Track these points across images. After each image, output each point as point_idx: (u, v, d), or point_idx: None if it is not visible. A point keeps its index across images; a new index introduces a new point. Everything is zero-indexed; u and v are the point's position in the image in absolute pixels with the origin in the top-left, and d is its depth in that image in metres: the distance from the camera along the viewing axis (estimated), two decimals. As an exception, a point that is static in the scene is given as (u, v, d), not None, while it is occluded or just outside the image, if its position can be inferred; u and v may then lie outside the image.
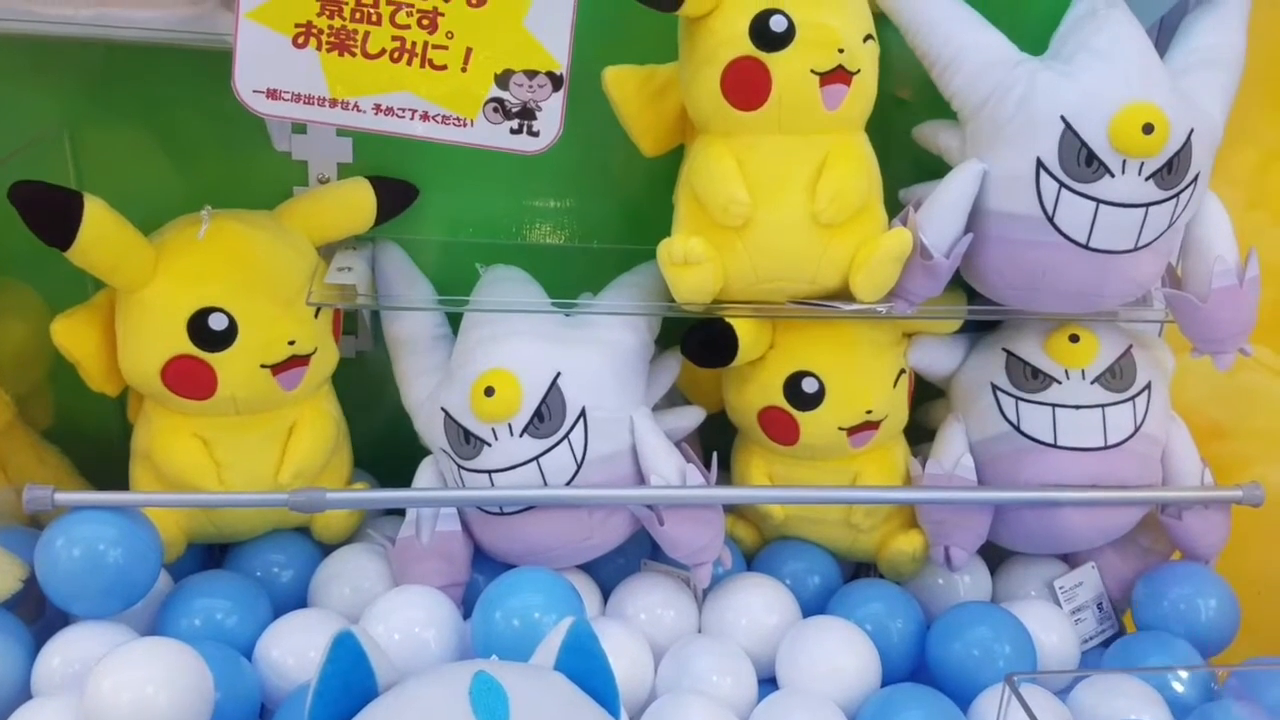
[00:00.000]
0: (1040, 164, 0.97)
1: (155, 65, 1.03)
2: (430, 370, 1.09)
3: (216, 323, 0.96)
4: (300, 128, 1.07)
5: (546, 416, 1.01)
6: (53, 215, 0.88)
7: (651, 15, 0.93)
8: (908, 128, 1.09)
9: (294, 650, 0.94)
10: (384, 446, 1.15)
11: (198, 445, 1.00)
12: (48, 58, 1.02)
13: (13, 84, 1.02)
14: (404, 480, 1.09)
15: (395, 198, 1.09)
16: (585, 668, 0.79)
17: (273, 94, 0.85)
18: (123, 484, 1.06)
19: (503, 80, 0.89)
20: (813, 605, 1.10)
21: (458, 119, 0.89)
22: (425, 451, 1.10)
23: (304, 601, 1.05)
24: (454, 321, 1.11)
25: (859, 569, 1.22)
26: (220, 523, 1.04)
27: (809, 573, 1.14)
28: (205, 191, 1.03)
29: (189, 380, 0.97)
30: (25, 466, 1.06)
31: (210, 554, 1.10)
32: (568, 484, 1.02)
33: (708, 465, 1.06)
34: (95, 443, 1.12)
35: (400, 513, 1.12)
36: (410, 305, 1.08)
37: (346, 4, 0.84)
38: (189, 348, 0.96)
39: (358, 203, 1.07)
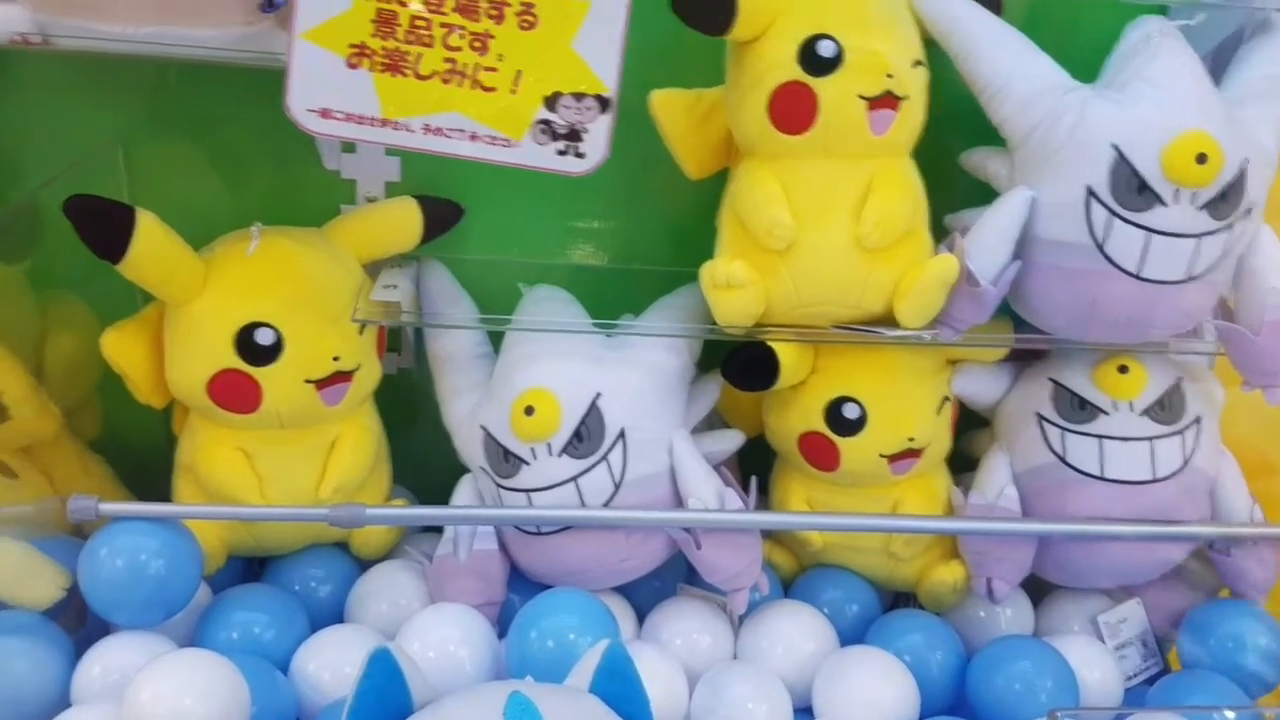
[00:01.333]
0: (1091, 192, 0.96)
1: (208, 83, 1.05)
2: (471, 388, 1.09)
3: (263, 337, 0.97)
4: (349, 147, 1.09)
5: (586, 436, 1.01)
6: (106, 228, 0.90)
7: (698, 39, 0.93)
8: (953, 153, 1.08)
9: (330, 665, 0.95)
10: (422, 463, 1.16)
11: (240, 458, 1.01)
12: (103, 74, 1.04)
13: (69, 100, 1.05)
14: (442, 497, 1.10)
15: (442, 217, 1.10)
16: (620, 691, 0.79)
17: (325, 113, 0.86)
18: (165, 496, 1.07)
19: (551, 102, 0.89)
20: (850, 634, 1.09)
21: (505, 140, 0.90)
22: (463, 469, 1.11)
23: (341, 616, 1.06)
24: (495, 340, 1.11)
25: (897, 598, 1.21)
26: (260, 536, 1.05)
27: (847, 601, 1.12)
28: (255, 208, 1.05)
29: (234, 394, 0.98)
30: (71, 476, 1.08)
31: (249, 566, 1.10)
32: (605, 505, 1.01)
33: (746, 489, 1.05)
34: (139, 454, 1.13)
35: (438, 530, 1.12)
36: (453, 323, 1.09)
37: (400, 25, 0.85)
38: (235, 362, 0.97)
39: (405, 221, 1.08)
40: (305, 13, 0.83)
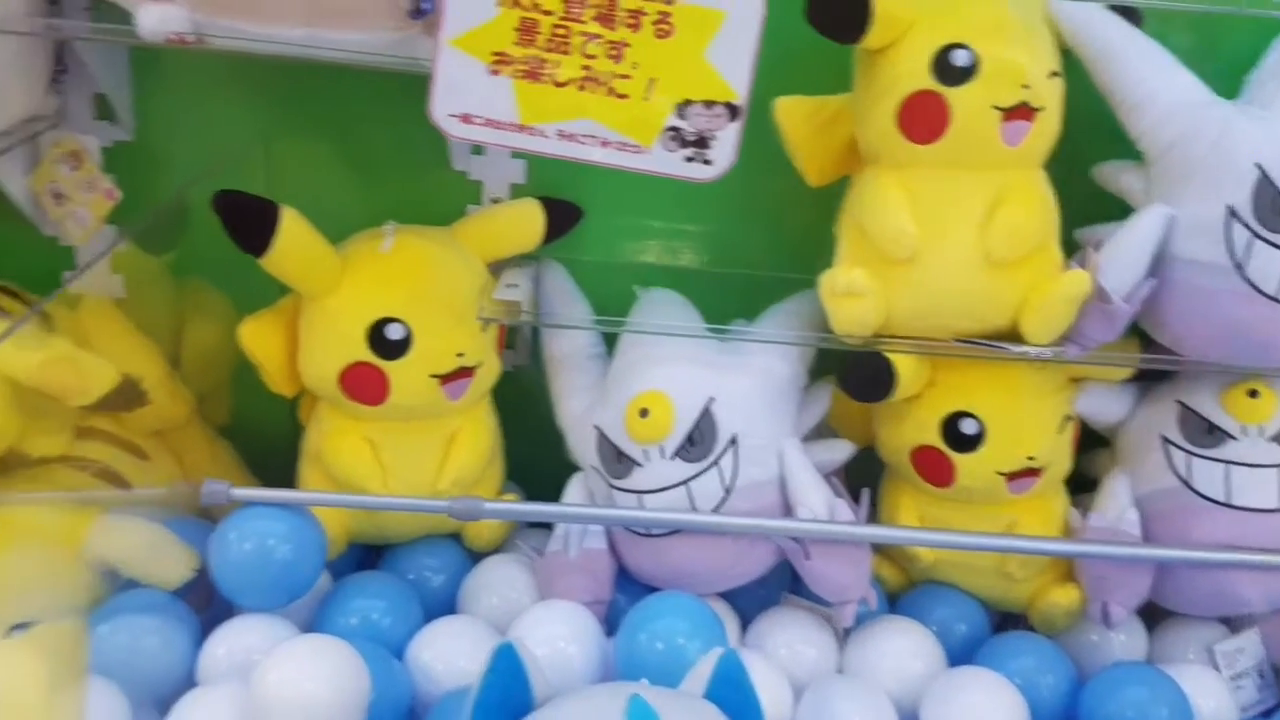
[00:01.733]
0: (1232, 212, 0.93)
1: (345, 84, 1.08)
2: (584, 388, 1.11)
3: (394, 332, 1.00)
4: (478, 149, 1.11)
5: (698, 441, 1.01)
6: (251, 223, 0.94)
7: (822, 46, 0.93)
8: (1084, 166, 1.05)
9: (444, 656, 0.97)
10: (531, 460, 1.18)
11: (366, 448, 1.04)
12: (246, 73, 1.08)
13: (217, 98, 1.09)
14: (547, 494, 1.11)
15: (563, 219, 1.12)
16: (733, 699, 0.79)
17: (466, 118, 0.88)
18: (287, 482, 1.11)
19: (681, 109, 0.90)
20: (957, 654, 1.07)
21: (635, 146, 0.91)
22: (569, 467, 1.12)
23: (452, 606, 1.08)
24: (609, 342, 1.13)
25: (1005, 619, 1.19)
26: (381, 524, 1.08)
27: (956, 620, 1.11)
28: (386, 207, 1.08)
29: (364, 385, 1.01)
30: (199, 461, 1.12)
31: (365, 553, 1.13)
32: (715, 510, 1.02)
33: (856, 501, 1.04)
34: (264, 441, 1.18)
35: (545, 526, 1.14)
36: (572, 324, 1.10)
37: (541, 33, 0.87)
38: (367, 355, 1.00)
39: (528, 223, 1.10)
40: (452, 20, 0.85)
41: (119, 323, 1.09)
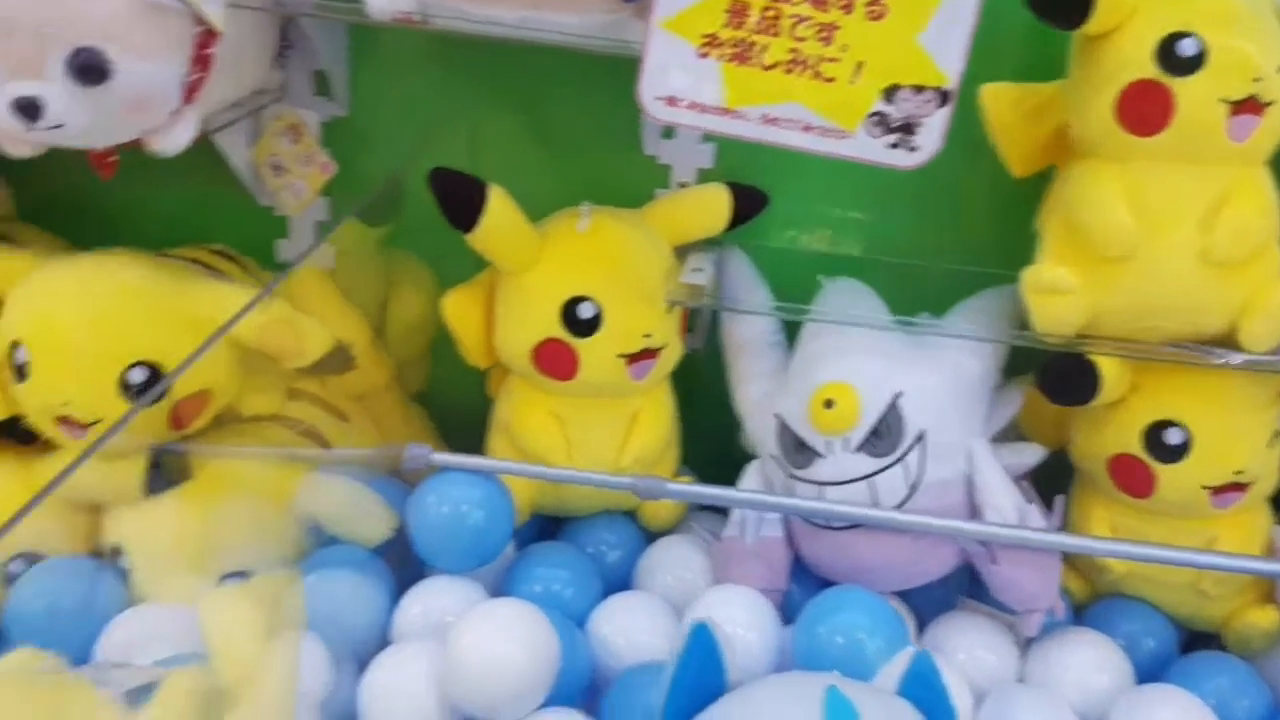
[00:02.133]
0: None
1: (545, 66, 1.10)
2: (763, 375, 1.11)
3: (586, 311, 1.02)
4: (668, 133, 1.12)
5: (884, 435, 1.00)
6: (461, 200, 0.97)
7: (1031, 31, 0.90)
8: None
9: (625, 630, 0.98)
10: (703, 443, 1.18)
11: (554, 422, 1.07)
12: (455, 54, 1.12)
13: (426, 77, 1.13)
14: (718, 478, 1.11)
15: (749, 205, 1.12)
16: (926, 700, 0.78)
17: (671, 101, 0.89)
18: (472, 452, 1.14)
19: (889, 94, 0.88)
20: (1144, 671, 1.02)
21: (839, 131, 0.90)
22: (741, 452, 1.12)
23: (626, 582, 1.10)
24: (790, 331, 1.12)
25: (1194, 637, 1.13)
26: (564, 497, 1.11)
27: (1144, 635, 1.06)
28: (577, 187, 1.10)
29: (555, 361, 1.03)
30: (394, 426, 1.18)
31: (544, 525, 1.16)
32: (897, 507, 1.00)
33: (1047, 507, 1.01)
34: (454, 411, 1.22)
35: (717, 511, 1.14)
36: (758, 310, 1.10)
37: (751, 16, 0.86)
38: (559, 331, 1.02)
39: (716, 207, 1.10)
40: (665, 2, 0.85)
41: (329, 291, 1.15)
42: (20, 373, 0.96)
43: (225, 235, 1.17)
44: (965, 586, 1.09)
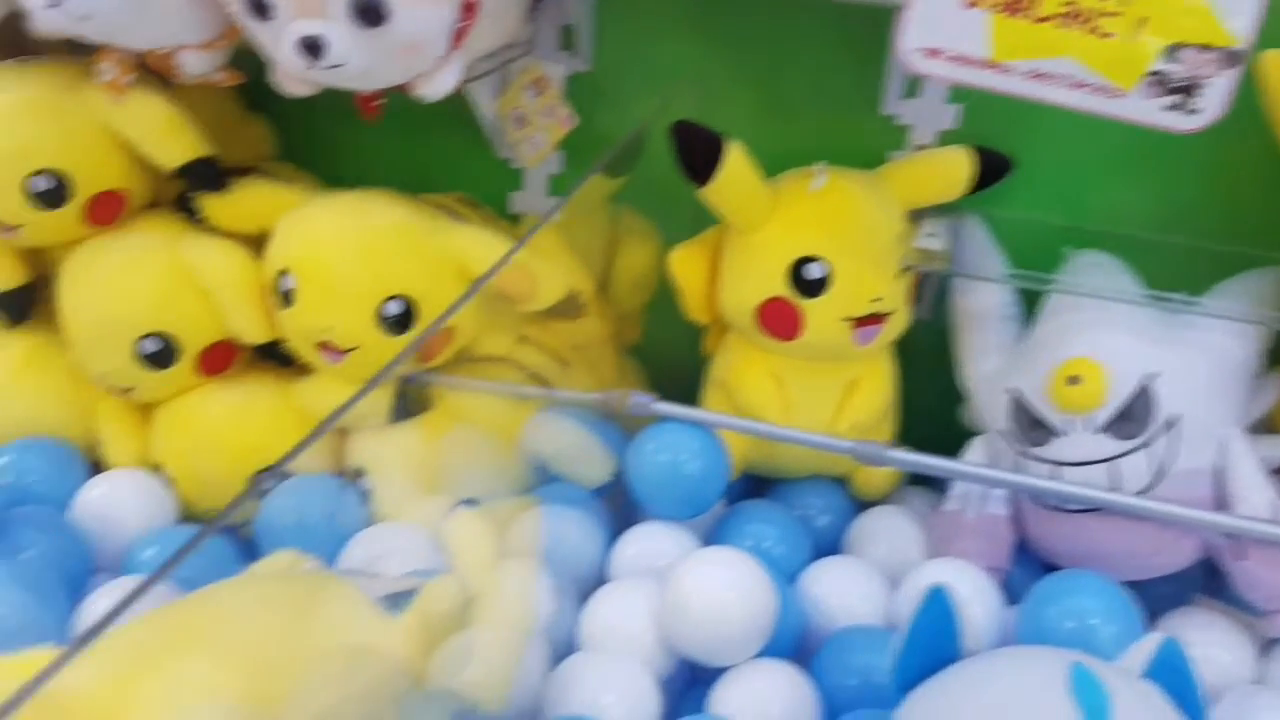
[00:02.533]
0: None
1: (788, 24, 1.09)
2: (994, 349, 1.07)
3: (814, 271, 1.00)
4: (910, 91, 1.09)
5: (1132, 416, 0.94)
6: (701, 154, 0.97)
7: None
8: None
9: (836, 592, 0.98)
10: (920, 417, 1.15)
11: (771, 382, 1.06)
12: (692, 10, 1.12)
13: (664, 33, 1.14)
14: (933, 450, 1.08)
15: (992, 170, 1.07)
16: (1174, 687, 0.73)
17: (933, 53, 0.86)
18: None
19: (1171, 53, 0.83)
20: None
21: (1112, 89, 0.84)
22: (960, 428, 1.08)
23: (834, 548, 1.08)
24: (1029, 303, 1.07)
25: None
26: (776, 457, 1.10)
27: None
28: (811, 146, 1.09)
29: (779, 321, 1.03)
30: (610, 376, 1.20)
31: (753, 484, 1.16)
32: (1140, 494, 0.94)
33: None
34: (664, 365, 1.23)
35: (929, 484, 1.11)
36: (1000, 279, 1.06)
37: (1024, -36, 0.83)
38: (786, 291, 1.01)
39: (956, 171, 1.06)
40: (934, -49, 0.83)
41: (556, 242, 1.18)
42: (286, 299, 1.03)
43: (461, 185, 1.21)
44: (1199, 582, 1.02)
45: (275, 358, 1.09)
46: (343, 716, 0.72)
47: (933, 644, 0.75)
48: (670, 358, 1.22)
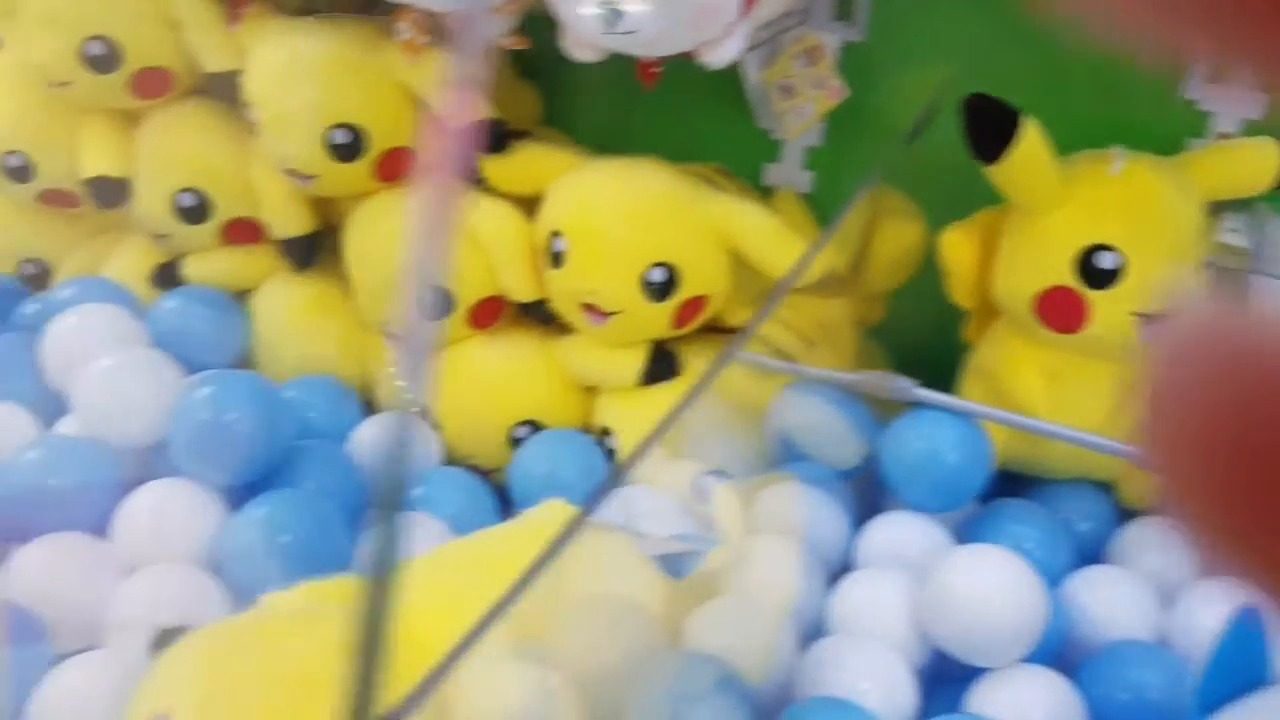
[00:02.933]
0: None
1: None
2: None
3: (1106, 261, 0.95)
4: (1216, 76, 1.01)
5: None
6: (992, 129, 0.93)
7: None
8: None
9: (1105, 602, 0.92)
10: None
11: (1040, 376, 1.01)
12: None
13: (946, 6, 1.10)
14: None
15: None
16: None
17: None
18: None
19: None
20: None
21: None
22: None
23: (1094, 556, 1.02)
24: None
25: None
26: (1039, 456, 1.04)
27: None
28: (1101, 129, 1.02)
29: (1061, 311, 0.97)
30: (851, 357, 1.17)
31: (1009, 482, 1.11)
32: None
33: None
34: (905, 350, 1.19)
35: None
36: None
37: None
38: (1071, 280, 0.96)
39: (1263, 165, 0.97)
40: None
41: (805, 216, 1.16)
42: (556, 260, 1.05)
43: (716, 155, 1.21)
44: None
45: (537, 315, 1.12)
46: (609, 665, 0.73)
47: (1238, 667, 0.70)
48: (913, 341, 1.18)
